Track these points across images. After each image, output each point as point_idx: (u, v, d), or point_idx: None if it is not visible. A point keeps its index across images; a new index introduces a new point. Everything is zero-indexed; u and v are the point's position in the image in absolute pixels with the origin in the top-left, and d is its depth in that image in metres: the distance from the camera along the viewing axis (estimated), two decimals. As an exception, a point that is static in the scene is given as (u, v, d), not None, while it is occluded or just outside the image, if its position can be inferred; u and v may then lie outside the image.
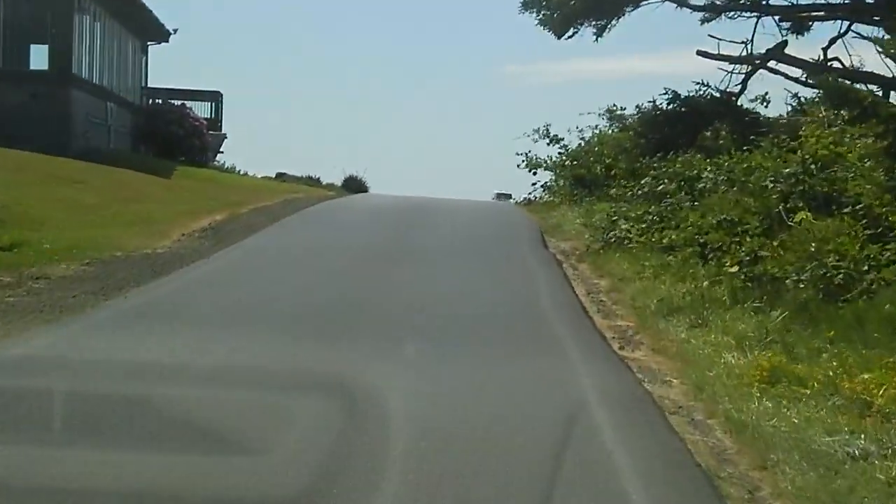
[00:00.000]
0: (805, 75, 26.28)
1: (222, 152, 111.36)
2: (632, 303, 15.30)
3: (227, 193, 34.04)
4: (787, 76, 26.46)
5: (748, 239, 15.39)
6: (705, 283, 14.99)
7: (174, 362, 9.74)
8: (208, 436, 7.34)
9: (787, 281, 13.71)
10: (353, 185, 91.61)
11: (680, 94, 28.28)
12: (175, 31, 45.96)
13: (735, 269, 14.60)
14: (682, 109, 28.25)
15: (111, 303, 13.29)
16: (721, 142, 26.95)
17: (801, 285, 13.44)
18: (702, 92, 27.91)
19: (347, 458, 7.01)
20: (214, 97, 51.25)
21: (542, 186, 36.95)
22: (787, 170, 16.15)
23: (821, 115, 19.91)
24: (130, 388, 8.69)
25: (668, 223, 19.01)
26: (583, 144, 35.08)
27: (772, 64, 26.64)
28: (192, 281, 15.55)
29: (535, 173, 36.83)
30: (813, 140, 15.94)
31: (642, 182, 22.27)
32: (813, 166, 15.97)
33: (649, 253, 19.14)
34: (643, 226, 19.67)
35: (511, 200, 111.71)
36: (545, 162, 36.54)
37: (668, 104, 28.34)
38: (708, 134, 27.71)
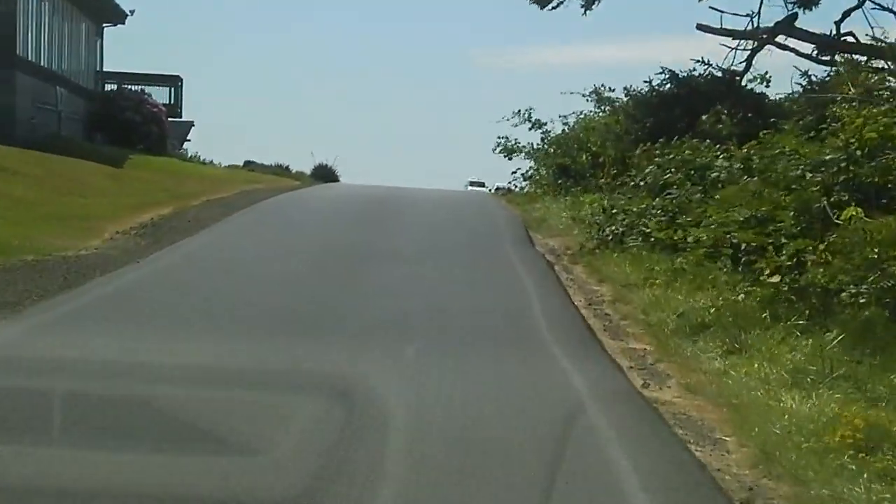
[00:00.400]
0: (815, 51, 23.59)
1: (189, 140, 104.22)
2: (644, 318, 12.52)
3: (183, 184, 31.30)
4: (797, 52, 23.71)
5: (785, 240, 12.60)
6: (739, 295, 12.21)
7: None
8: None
9: (841, 294, 10.94)
10: (324, 174, 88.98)
11: (677, 74, 25.54)
12: (132, 12, 43.05)
13: (776, 278, 11.81)
14: (679, 91, 25.51)
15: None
16: (720, 126, 24.22)
17: (862, 300, 10.67)
18: (702, 72, 25.15)
19: None
20: (174, 82, 48.28)
21: (522, 176, 34.12)
22: (828, 156, 13.34)
23: (849, 91, 17.10)
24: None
25: (682, 219, 16.19)
26: (567, 130, 32.20)
27: (780, 39, 23.89)
28: (103, 297, 12.47)
29: (510, 159, 34.01)
30: (859, 122, 13.12)
31: (646, 171, 19.41)
32: (858, 152, 13.18)
33: (654, 254, 16.40)
34: (662, 219, 16.83)
35: (484, 189, 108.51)
36: (524, 148, 33.72)
37: (664, 85, 25.59)
38: (704, 118, 24.95)
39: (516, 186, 34.69)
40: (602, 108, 30.59)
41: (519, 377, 9.42)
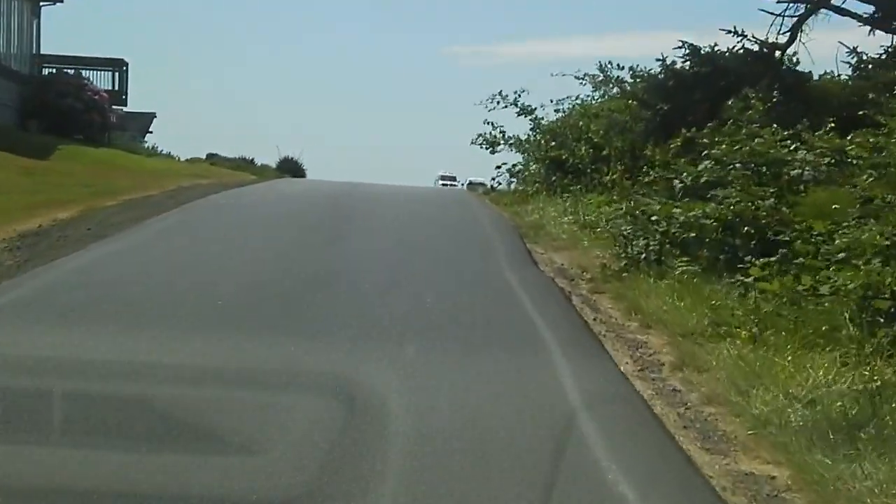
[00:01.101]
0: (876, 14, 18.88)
1: (151, 132, 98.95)
2: (743, 403, 7.67)
3: (112, 180, 26.51)
4: (857, 17, 18.96)
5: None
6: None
7: None
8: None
9: None
10: (289, 169, 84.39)
11: (698, 49, 20.72)
12: None
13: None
14: (700, 70, 20.72)
15: None
16: (749, 112, 19.55)
17: None
18: (732, 47, 20.34)
19: None
20: (118, 66, 43.20)
21: (508, 171, 29.16)
22: None
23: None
24: None
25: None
26: (561, 118, 27.23)
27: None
28: None
29: (493, 152, 28.99)
30: None
31: (698, 167, 14.46)
32: None
33: (712, 279, 11.66)
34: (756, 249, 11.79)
35: (456, 184, 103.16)
36: (510, 140, 28.78)
37: (684, 63, 20.79)
38: (731, 102, 20.23)
39: (500, 183, 29.84)
40: (603, 91, 25.73)
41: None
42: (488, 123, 28.73)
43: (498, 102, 27.76)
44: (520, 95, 27.93)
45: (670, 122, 20.72)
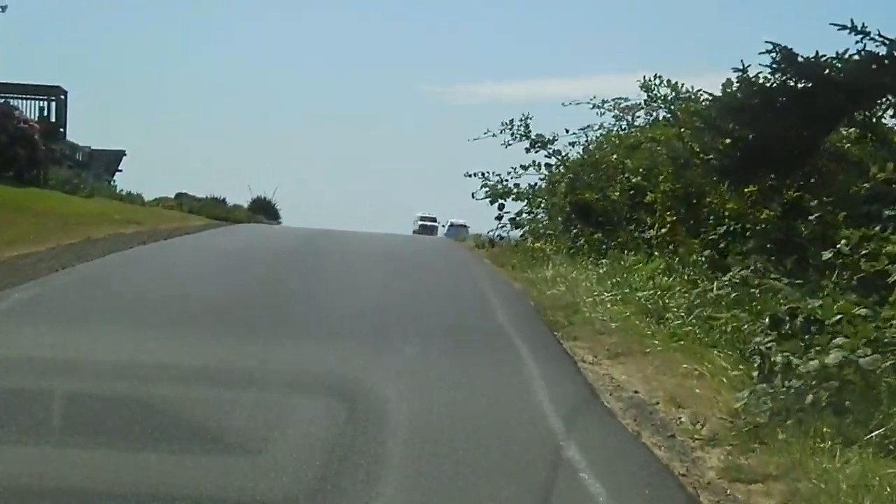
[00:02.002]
0: None
1: (121, 171, 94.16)
2: None
3: (6, 227, 20.36)
4: None
5: None
6: None
7: None
8: None
9: None
10: (261, 208, 78.82)
11: (795, 56, 14.41)
12: (4, 8, 34.27)
13: None
14: (797, 83, 14.48)
15: None
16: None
17: None
18: (843, 52, 14.06)
19: None
20: (54, 94, 36.93)
21: (511, 221, 22.45)
22: None
23: None
24: None
25: None
26: (585, 150, 20.66)
27: None
28: None
29: (502, 206, 22.16)
30: None
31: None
32: None
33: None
34: None
35: (437, 226, 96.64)
36: (524, 193, 21.96)
37: (775, 74, 14.47)
38: (847, 132, 14.17)
39: (501, 237, 23.21)
40: (644, 115, 19.36)
41: None
42: (483, 176, 21.75)
43: (505, 131, 21.22)
44: (528, 125, 21.53)
45: (753, 156, 14.61)
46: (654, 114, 18.99)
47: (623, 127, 20.70)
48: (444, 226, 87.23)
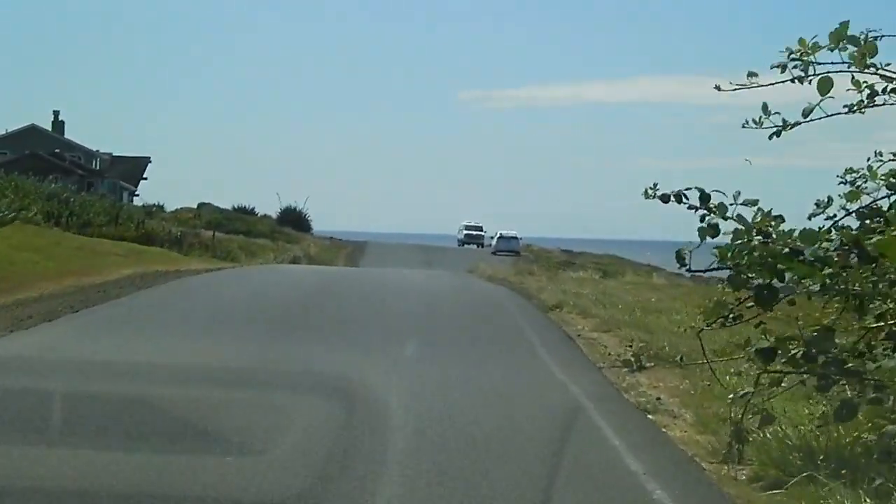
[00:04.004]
0: None
1: (146, 179, 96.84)
2: None
3: None
4: None
5: None
6: None
7: None
8: None
9: None
10: (291, 220, 79.99)
11: None
12: None
13: None
14: None
15: None
16: None
17: None
18: None
19: None
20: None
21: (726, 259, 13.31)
22: None
23: None
24: None
25: None
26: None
27: None
28: None
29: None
30: None
31: None
32: None
33: None
34: None
35: (483, 235, 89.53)
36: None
37: None
38: None
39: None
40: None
41: None
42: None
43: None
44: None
45: None
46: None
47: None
48: (493, 237, 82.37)
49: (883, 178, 8.37)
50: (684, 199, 8.15)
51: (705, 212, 8.05)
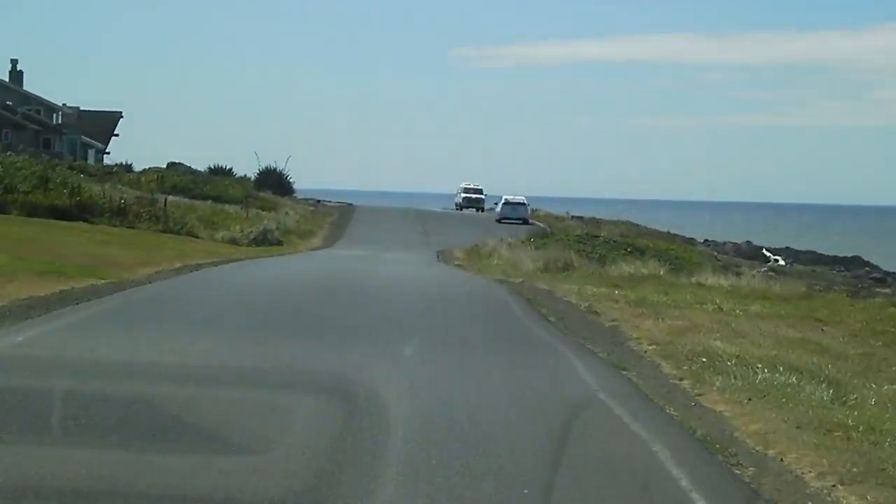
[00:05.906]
0: None
1: (117, 135, 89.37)
2: None
3: None
4: None
5: None
6: None
7: None
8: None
9: None
10: (272, 182, 72.09)
11: None
12: None
13: None
14: None
15: None
16: None
17: None
18: None
19: None
20: None
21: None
22: None
23: None
24: None
25: None
26: None
27: None
28: None
29: None
30: None
31: None
32: None
33: None
34: None
35: (483, 198, 79.70)
36: None
37: None
38: None
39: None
40: None
41: None
42: None
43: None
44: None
45: None
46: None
47: None
48: (496, 204, 69.62)
49: None
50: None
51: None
